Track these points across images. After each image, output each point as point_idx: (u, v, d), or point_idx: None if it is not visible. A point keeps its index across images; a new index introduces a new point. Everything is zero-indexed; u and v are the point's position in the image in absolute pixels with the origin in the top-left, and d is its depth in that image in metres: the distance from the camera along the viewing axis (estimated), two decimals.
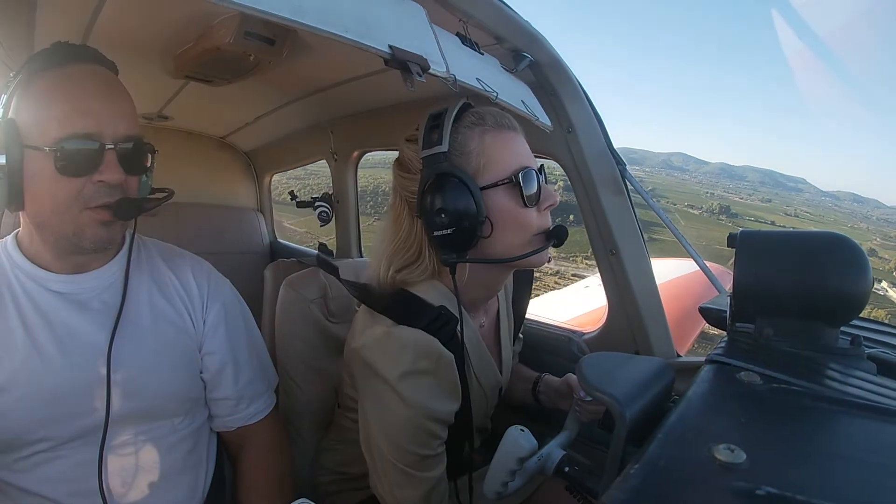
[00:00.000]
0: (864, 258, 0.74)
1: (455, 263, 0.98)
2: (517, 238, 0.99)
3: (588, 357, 0.75)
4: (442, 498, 1.04)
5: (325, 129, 2.27)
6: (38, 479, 0.94)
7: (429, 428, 0.97)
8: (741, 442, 0.48)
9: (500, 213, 0.97)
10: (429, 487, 1.00)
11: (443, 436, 1.00)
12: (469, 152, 0.98)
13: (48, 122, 0.88)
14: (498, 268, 1.04)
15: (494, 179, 0.97)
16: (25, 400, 0.91)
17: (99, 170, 0.90)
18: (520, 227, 0.98)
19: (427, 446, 0.98)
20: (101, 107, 0.91)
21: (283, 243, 3.06)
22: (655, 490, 0.44)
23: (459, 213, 0.94)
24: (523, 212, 0.98)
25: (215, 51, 1.41)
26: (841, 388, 0.65)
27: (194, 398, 1.10)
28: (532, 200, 0.99)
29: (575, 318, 2.54)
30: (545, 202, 1.00)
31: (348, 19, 0.78)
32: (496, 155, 0.98)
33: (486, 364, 1.15)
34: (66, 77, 0.91)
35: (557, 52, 1.26)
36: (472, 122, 1.00)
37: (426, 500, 1.00)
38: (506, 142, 1.00)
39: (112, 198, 0.92)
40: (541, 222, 1.01)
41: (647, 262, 1.44)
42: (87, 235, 0.93)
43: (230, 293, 1.18)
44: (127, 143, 0.93)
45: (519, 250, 0.99)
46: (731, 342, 0.80)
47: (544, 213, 1.02)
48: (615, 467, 0.62)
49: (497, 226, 0.97)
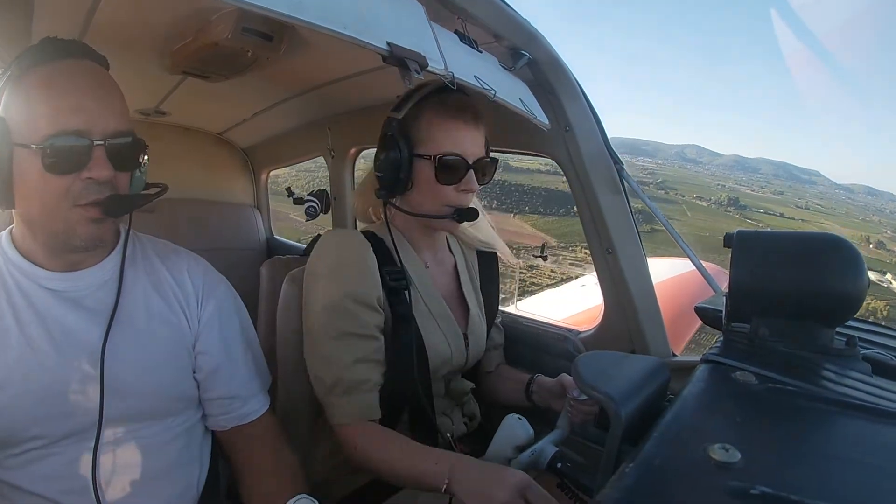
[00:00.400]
0: (859, 259, 0.74)
1: (382, 199, 1.26)
2: (427, 202, 1.22)
3: (584, 356, 0.75)
4: (362, 396, 1.16)
5: (322, 126, 2.27)
6: (30, 476, 0.93)
7: (346, 306, 1.15)
8: (736, 441, 0.48)
9: (420, 179, 1.21)
10: (346, 367, 1.16)
11: (367, 320, 1.17)
12: (419, 126, 1.20)
13: (37, 119, 0.87)
14: (411, 218, 1.26)
15: (423, 153, 1.19)
16: (19, 398, 0.90)
17: (87, 167, 0.89)
18: (432, 195, 1.21)
19: (348, 324, 1.16)
20: (89, 103, 0.90)
21: (280, 240, 3.05)
22: (650, 489, 0.44)
23: (389, 165, 1.19)
24: (437, 185, 1.19)
25: (213, 46, 1.41)
26: (836, 388, 0.66)
27: (188, 397, 1.09)
28: (447, 180, 1.19)
29: (571, 317, 2.54)
30: (462, 186, 1.20)
31: (347, 16, 0.78)
32: (434, 136, 1.19)
33: (431, 292, 1.30)
34: (55, 73, 0.90)
35: (556, 51, 1.26)
36: (433, 104, 1.20)
37: (338, 381, 1.15)
38: (448, 129, 1.19)
39: (101, 195, 0.91)
40: (456, 199, 1.22)
41: (643, 262, 1.44)
42: (78, 233, 0.92)
43: (226, 291, 1.17)
44: (117, 139, 0.92)
45: (426, 211, 1.23)
46: (726, 342, 0.80)
47: (462, 193, 1.21)
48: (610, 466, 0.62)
49: (415, 187, 1.21)
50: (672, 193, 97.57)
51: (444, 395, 1.34)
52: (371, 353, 1.18)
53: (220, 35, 1.33)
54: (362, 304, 1.17)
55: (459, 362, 1.33)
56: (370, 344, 1.18)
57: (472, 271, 1.45)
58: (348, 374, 1.15)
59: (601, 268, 1.46)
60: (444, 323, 1.30)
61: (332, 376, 1.16)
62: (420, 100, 1.21)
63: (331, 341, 1.16)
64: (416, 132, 1.20)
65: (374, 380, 1.18)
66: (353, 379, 1.16)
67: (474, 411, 1.43)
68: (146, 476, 1.00)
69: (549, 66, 1.28)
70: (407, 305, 1.22)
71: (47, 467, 0.93)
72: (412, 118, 1.20)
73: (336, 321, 1.16)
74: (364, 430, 1.16)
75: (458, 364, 1.33)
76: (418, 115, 1.20)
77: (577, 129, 1.36)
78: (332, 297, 1.16)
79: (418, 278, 1.29)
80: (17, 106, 0.89)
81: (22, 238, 0.97)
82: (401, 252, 1.26)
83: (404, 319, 1.21)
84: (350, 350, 1.16)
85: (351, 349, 1.16)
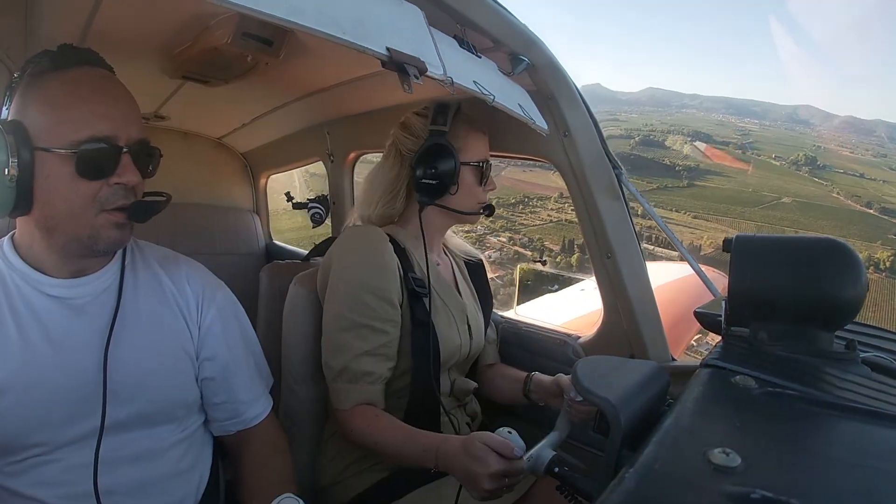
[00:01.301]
0: (858, 263, 0.74)
1: (427, 205, 1.36)
2: (468, 201, 1.39)
3: (583, 361, 0.75)
4: (369, 387, 1.23)
5: (321, 131, 2.27)
6: (30, 482, 0.92)
7: (363, 298, 1.23)
8: (736, 446, 0.48)
9: (464, 183, 1.36)
10: (355, 356, 1.23)
11: (382, 314, 1.24)
12: (458, 136, 1.35)
13: (64, 123, 0.88)
14: (449, 217, 1.41)
15: (468, 160, 1.36)
16: (21, 404, 0.90)
17: (116, 172, 0.91)
18: (472, 195, 1.39)
19: (363, 315, 1.23)
20: (117, 110, 0.92)
21: (279, 245, 3.04)
22: (650, 493, 0.44)
23: (442, 172, 1.32)
24: (477, 188, 1.39)
25: (213, 51, 1.41)
26: (836, 392, 0.66)
27: (190, 403, 1.09)
28: (483, 182, 1.39)
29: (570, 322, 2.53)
30: (489, 185, 1.41)
31: (346, 21, 0.78)
32: (473, 145, 1.37)
33: (443, 285, 1.42)
34: (80, 79, 0.91)
35: (555, 56, 1.26)
36: (464, 119, 1.38)
37: (345, 370, 1.23)
38: (478, 139, 1.39)
39: (128, 200, 0.93)
40: (485, 197, 1.42)
41: (642, 266, 1.44)
42: (102, 237, 0.93)
43: (225, 296, 1.17)
44: (140, 146, 0.94)
45: (466, 209, 1.39)
46: (726, 346, 0.80)
47: (487, 191, 1.41)
48: (610, 471, 0.62)
49: (461, 189, 1.35)
50: (749, 153, 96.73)
51: (450, 394, 1.39)
52: (381, 346, 1.24)
53: (219, 40, 1.34)
54: (380, 298, 1.24)
55: (465, 351, 1.41)
56: (381, 337, 1.24)
57: (464, 274, 1.57)
58: (355, 364, 1.22)
59: (600, 272, 1.46)
60: (458, 313, 1.40)
61: (339, 364, 1.23)
62: (454, 114, 1.35)
63: (344, 331, 1.24)
64: (457, 142, 1.34)
65: (379, 373, 1.24)
66: (360, 370, 1.22)
67: (476, 411, 1.48)
68: (148, 482, 1.00)
69: (549, 71, 1.28)
70: (426, 314, 1.29)
71: (48, 473, 0.93)
72: (455, 131, 1.35)
73: (352, 312, 1.24)
74: (361, 413, 1.22)
75: (464, 354, 1.41)
76: (459, 128, 1.36)
77: (576, 134, 1.36)
78: (351, 289, 1.25)
79: (433, 274, 1.38)
80: (40, 111, 0.89)
81: (28, 244, 0.97)
82: (417, 252, 1.38)
83: (423, 325, 1.29)
84: (361, 341, 1.23)
85: (362, 340, 1.23)
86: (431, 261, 1.40)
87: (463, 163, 1.34)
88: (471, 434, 1.04)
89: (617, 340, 1.49)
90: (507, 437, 0.98)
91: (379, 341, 1.24)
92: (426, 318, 1.28)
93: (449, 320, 1.37)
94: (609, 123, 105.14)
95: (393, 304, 1.26)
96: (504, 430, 1.00)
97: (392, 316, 1.26)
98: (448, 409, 1.34)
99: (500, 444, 0.97)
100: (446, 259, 1.54)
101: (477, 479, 0.97)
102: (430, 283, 1.33)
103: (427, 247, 1.39)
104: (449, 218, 1.42)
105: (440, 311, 1.35)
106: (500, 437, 0.98)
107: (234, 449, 1.18)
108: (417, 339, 1.28)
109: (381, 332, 1.24)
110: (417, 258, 1.36)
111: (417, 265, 1.35)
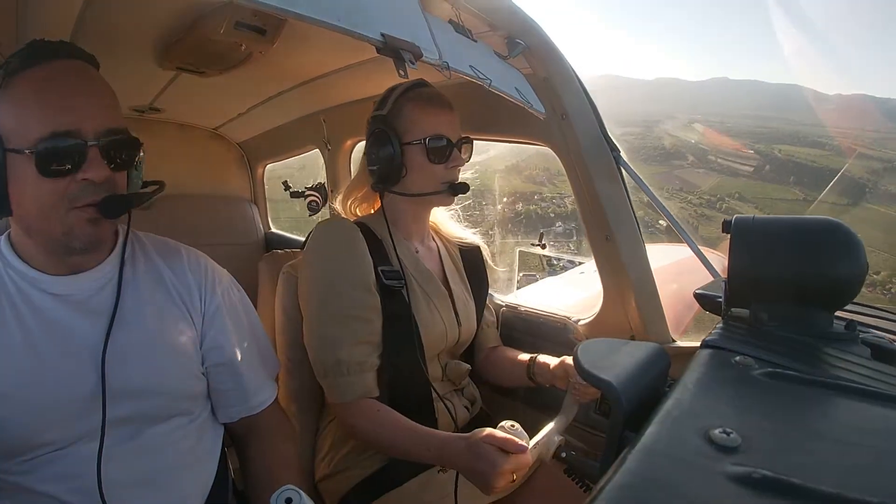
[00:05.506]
0: (857, 243, 0.74)
1: (380, 191, 1.36)
2: (424, 182, 1.33)
3: (583, 343, 0.75)
4: (358, 377, 1.23)
5: (317, 119, 2.26)
6: (38, 477, 0.93)
7: (343, 290, 1.24)
8: (737, 426, 0.49)
9: (413, 163, 1.31)
10: (343, 346, 1.23)
11: (362, 302, 1.25)
12: (402, 117, 1.31)
13: (27, 122, 0.85)
14: (414, 201, 1.37)
15: (411, 139, 1.30)
16: (28, 405, 0.90)
17: (83, 168, 0.88)
18: (427, 175, 1.32)
19: (346, 307, 1.24)
20: (78, 101, 0.88)
21: (278, 234, 3.05)
22: (652, 474, 0.45)
23: (384, 157, 1.30)
24: (430, 165, 1.31)
25: (207, 42, 1.40)
26: (835, 372, 0.66)
27: (196, 394, 1.09)
28: (437, 159, 1.31)
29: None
30: (451, 162, 1.32)
31: (340, 7, 0.77)
32: (418, 123, 1.30)
33: (423, 272, 1.39)
34: (42, 75, 0.88)
35: (551, 39, 1.25)
36: (411, 97, 1.32)
37: (338, 362, 1.22)
38: (428, 115, 1.31)
39: (98, 196, 0.90)
40: (447, 175, 1.33)
41: (642, 248, 1.44)
42: (77, 235, 0.91)
43: (229, 284, 1.17)
44: (110, 138, 0.90)
45: (424, 190, 1.34)
46: (725, 327, 0.80)
47: (452, 169, 1.33)
48: (612, 452, 0.63)
49: (410, 171, 1.32)
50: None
51: (443, 378, 1.38)
52: (368, 334, 1.25)
53: (213, 30, 1.33)
54: (357, 287, 1.25)
55: (453, 338, 1.40)
56: (366, 326, 1.25)
57: (455, 260, 1.54)
58: (346, 355, 1.22)
59: (600, 255, 1.47)
60: (439, 301, 1.38)
61: (331, 357, 1.23)
62: (399, 96, 1.32)
63: (329, 323, 1.24)
64: (402, 124, 1.30)
65: (370, 361, 1.25)
66: (352, 360, 1.22)
67: (474, 395, 1.48)
68: (156, 474, 1.00)
69: (545, 54, 1.27)
70: (405, 305, 1.29)
71: (56, 468, 0.93)
72: (396, 113, 1.32)
73: (333, 304, 1.24)
74: (361, 408, 1.22)
75: (451, 340, 1.40)
76: (401, 109, 1.31)
77: (574, 116, 1.36)
78: (329, 281, 1.26)
79: (410, 262, 1.37)
80: (7, 112, 0.87)
81: (21, 243, 0.96)
82: (394, 238, 1.35)
83: (398, 317, 1.28)
84: (348, 332, 1.23)
85: (348, 331, 1.23)
86: (411, 248, 1.41)
87: (406, 143, 1.30)
88: (474, 433, 1.02)
89: (617, 322, 1.50)
90: (511, 432, 0.98)
91: (366, 329, 1.24)
92: (402, 309, 1.29)
93: (430, 308, 1.35)
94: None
95: (371, 292, 1.26)
96: (507, 423, 1.00)
97: (373, 304, 1.26)
98: (442, 395, 1.34)
99: (504, 441, 0.97)
100: (433, 245, 1.51)
101: (486, 478, 0.97)
102: (408, 272, 1.34)
103: (403, 235, 1.40)
104: (412, 202, 1.37)
105: (420, 300, 1.34)
106: (503, 434, 0.98)
107: (240, 436, 1.18)
108: (393, 329, 1.28)
109: (365, 321, 1.25)
110: (396, 247, 1.35)
111: (395, 255, 1.34)
